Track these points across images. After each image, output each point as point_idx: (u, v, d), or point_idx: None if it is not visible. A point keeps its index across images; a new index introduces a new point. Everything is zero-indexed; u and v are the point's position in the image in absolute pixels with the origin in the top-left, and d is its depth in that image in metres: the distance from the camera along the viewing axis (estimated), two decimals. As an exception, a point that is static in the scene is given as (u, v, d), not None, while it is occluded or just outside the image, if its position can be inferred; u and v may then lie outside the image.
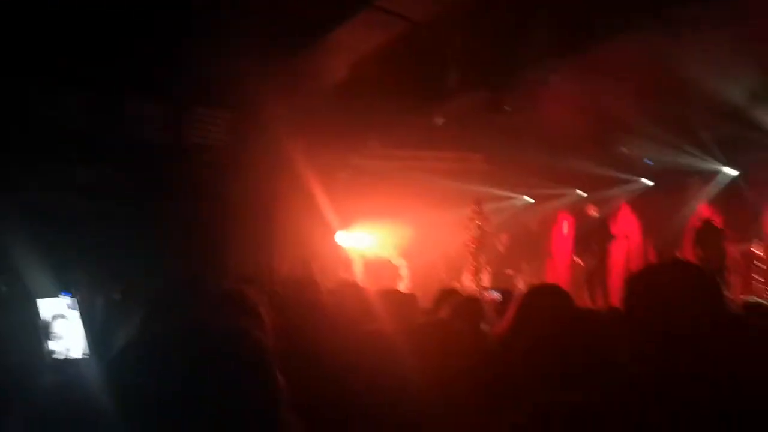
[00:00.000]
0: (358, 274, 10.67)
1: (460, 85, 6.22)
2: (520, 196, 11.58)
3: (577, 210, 10.55)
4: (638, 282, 1.46)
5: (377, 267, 10.77)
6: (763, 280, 7.40)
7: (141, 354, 0.94)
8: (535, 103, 7.50)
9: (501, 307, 3.99)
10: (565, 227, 11.48)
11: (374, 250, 11.08)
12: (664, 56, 5.86)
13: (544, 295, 2.24)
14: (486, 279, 9.62)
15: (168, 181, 6.96)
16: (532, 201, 11.62)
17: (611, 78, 6.52)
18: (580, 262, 9.13)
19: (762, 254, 7.49)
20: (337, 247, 10.68)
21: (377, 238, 10.93)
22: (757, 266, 7.46)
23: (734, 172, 8.74)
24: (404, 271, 10.98)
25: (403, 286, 10.62)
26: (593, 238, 8.79)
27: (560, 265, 11.03)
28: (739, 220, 8.47)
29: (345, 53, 6.56)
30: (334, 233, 10.20)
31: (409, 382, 1.63)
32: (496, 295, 4.44)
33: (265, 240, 9.00)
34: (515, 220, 11.29)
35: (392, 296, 2.80)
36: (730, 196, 8.81)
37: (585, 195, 10.73)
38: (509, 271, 9.42)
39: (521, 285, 9.76)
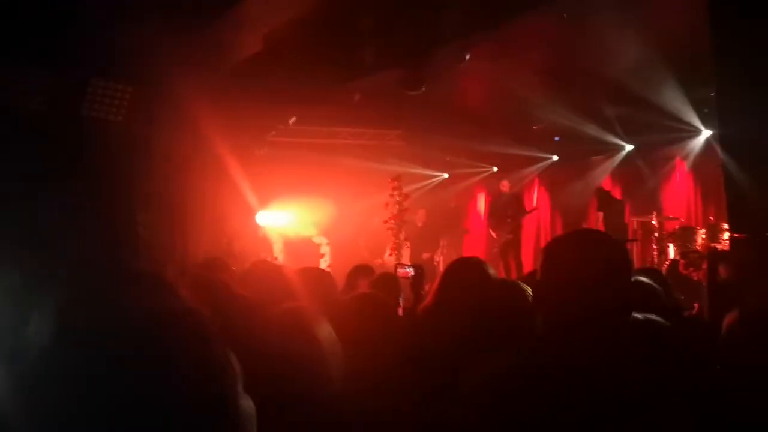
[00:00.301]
0: (279, 253, 10.53)
1: (376, 61, 6.19)
2: (437, 172, 11.82)
3: (491, 186, 10.90)
4: (551, 249, 1.51)
5: (298, 246, 10.67)
6: (658, 250, 7.99)
7: (77, 352, 0.74)
8: (451, 81, 7.61)
9: (415, 281, 4.09)
10: (481, 203, 11.86)
11: (295, 229, 10.97)
12: (570, 37, 6.11)
13: (466, 267, 2.30)
14: (406, 255, 9.78)
15: (62, 159, 6.42)
16: (447, 177, 11.91)
17: (521, 57, 6.73)
18: (494, 235, 9.46)
19: (657, 225, 8.07)
20: (256, 227, 10.48)
21: (297, 217, 10.81)
22: (654, 237, 8.04)
23: (631, 147, 9.34)
24: (325, 249, 10.97)
25: (325, 265, 10.63)
26: (507, 213, 9.11)
27: (476, 239, 11.41)
28: (637, 193, 9.07)
29: (257, 26, 6.33)
30: (254, 213, 9.98)
31: (331, 357, 1.62)
32: (409, 271, 4.52)
33: (177, 221, 8.63)
34: (433, 196, 11.51)
35: (310, 273, 2.77)
36: (629, 171, 9.42)
37: (498, 171, 11.11)
38: (425, 255, 9.61)
39: (439, 259, 10.04)
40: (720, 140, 4.25)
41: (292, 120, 8.40)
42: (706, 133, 8.29)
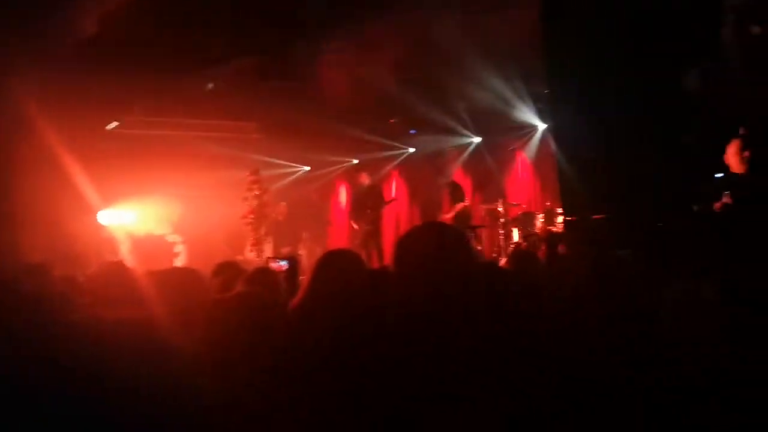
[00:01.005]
0: (126, 255, 9.75)
1: (228, 49, 5.94)
2: (298, 165, 11.71)
3: (352, 178, 11.04)
4: (401, 243, 1.62)
5: (148, 246, 9.97)
6: (503, 233, 8.66)
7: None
8: (309, 73, 7.55)
9: (289, 274, 3.98)
10: (342, 195, 11.97)
11: (145, 228, 10.23)
12: (422, 33, 6.34)
13: (337, 259, 2.28)
14: (268, 250, 9.57)
15: None
16: (309, 169, 11.86)
17: (377, 52, 6.86)
18: (355, 226, 9.60)
19: (503, 211, 8.74)
20: (99, 226, 9.61)
21: (148, 215, 10.10)
22: (501, 223, 8.70)
23: (478, 140, 10.00)
24: (180, 248, 10.37)
25: (179, 264, 10.04)
26: (367, 204, 9.28)
27: (339, 231, 11.51)
28: (484, 182, 9.74)
29: (90, 5, 5.75)
30: (96, 211, 9.14)
31: (186, 367, 1.50)
32: (282, 264, 4.42)
33: (11, 224, 7.64)
34: (294, 189, 11.39)
35: (170, 275, 2.52)
36: (477, 161, 10.08)
37: (358, 163, 11.29)
38: (285, 249, 9.48)
39: (302, 253, 9.97)
40: (552, 133, 4.69)
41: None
42: (542, 127, 9.12)
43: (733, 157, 3.88)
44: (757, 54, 3.59)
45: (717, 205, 3.82)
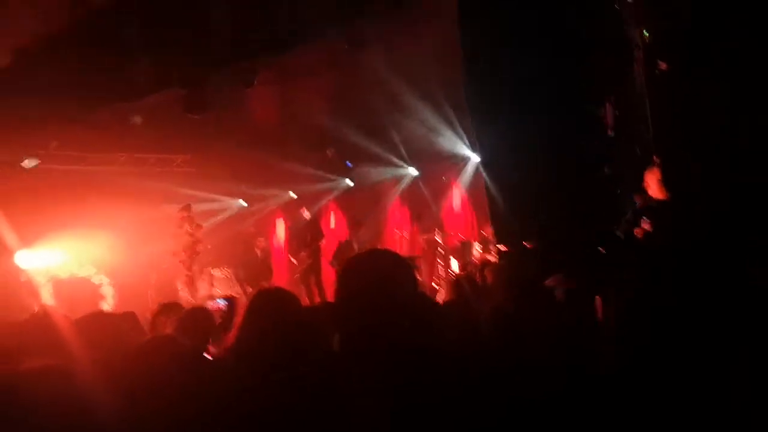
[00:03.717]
0: (48, 299, 9.13)
1: (150, 79, 5.73)
2: (233, 199, 11.42)
3: (290, 211, 10.85)
4: (344, 274, 1.59)
5: (72, 289, 9.38)
6: (443, 264, 8.66)
7: None
8: (240, 105, 7.42)
9: (226, 315, 3.77)
10: (280, 228, 11.73)
11: (68, 269, 9.64)
12: (350, 65, 6.36)
13: (268, 298, 2.18)
14: (204, 288, 9.20)
15: None
16: (245, 204, 11.59)
17: (306, 82, 6.83)
18: (294, 261, 9.39)
19: (441, 241, 8.76)
20: (17, 269, 8.98)
21: (71, 255, 9.53)
22: (439, 252, 8.71)
23: (416, 172, 10.06)
24: (107, 290, 9.81)
25: (107, 307, 9.48)
26: (306, 237, 9.11)
27: (278, 266, 11.22)
28: (422, 213, 9.77)
29: (3, 35, 5.45)
30: (13, 253, 8.55)
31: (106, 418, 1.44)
32: (222, 304, 4.20)
33: None
34: (229, 224, 11.07)
35: (96, 320, 2.32)
36: (414, 193, 10.12)
37: (296, 197, 11.12)
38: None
39: (239, 290, 9.63)
40: (480, 162, 4.73)
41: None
42: (475, 158, 9.29)
43: (654, 183, 4.00)
44: (664, 88, 3.74)
45: (637, 231, 3.90)
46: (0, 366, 1.73)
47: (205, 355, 2.88)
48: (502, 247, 5.25)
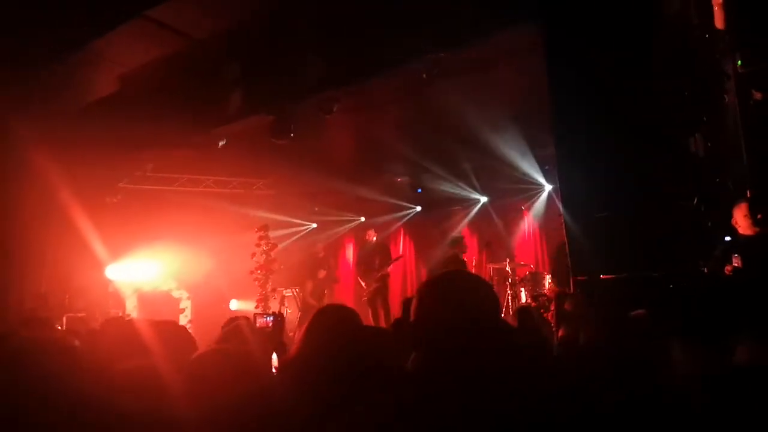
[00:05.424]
0: (132, 310, 9.69)
1: (242, 107, 6.10)
2: (305, 222, 11.77)
3: (358, 235, 11.06)
4: (424, 292, 1.56)
5: (155, 301, 9.91)
6: (512, 293, 8.55)
7: None
8: (319, 131, 7.71)
9: (272, 330, 3.92)
10: (350, 251, 11.95)
11: (152, 283, 10.20)
12: (426, 94, 6.50)
13: (331, 313, 2.27)
14: (275, 307, 9.48)
15: None
16: (316, 227, 11.91)
17: (383, 111, 7.02)
18: (363, 284, 9.53)
19: (510, 271, 8.66)
20: (107, 281, 9.59)
21: (155, 270, 10.08)
22: (508, 282, 8.60)
23: (486, 199, 10.05)
24: (186, 304, 10.30)
25: (185, 320, 9.94)
26: (374, 261, 9.25)
27: (345, 288, 11.41)
28: (492, 241, 9.71)
29: (111, 66, 5.97)
30: (104, 266, 9.14)
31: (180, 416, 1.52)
32: (268, 320, 4.35)
33: (12, 276, 7.65)
34: (302, 245, 11.40)
35: (164, 327, 2.53)
36: (485, 221, 10.08)
37: (365, 221, 11.33)
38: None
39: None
40: (560, 194, 4.70)
41: (147, 165, 7.92)
42: (548, 187, 9.18)
43: (741, 219, 3.87)
44: (758, 119, 3.64)
45: (728, 268, 3.77)
46: (98, 365, 1.90)
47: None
48: (578, 278, 5.17)
